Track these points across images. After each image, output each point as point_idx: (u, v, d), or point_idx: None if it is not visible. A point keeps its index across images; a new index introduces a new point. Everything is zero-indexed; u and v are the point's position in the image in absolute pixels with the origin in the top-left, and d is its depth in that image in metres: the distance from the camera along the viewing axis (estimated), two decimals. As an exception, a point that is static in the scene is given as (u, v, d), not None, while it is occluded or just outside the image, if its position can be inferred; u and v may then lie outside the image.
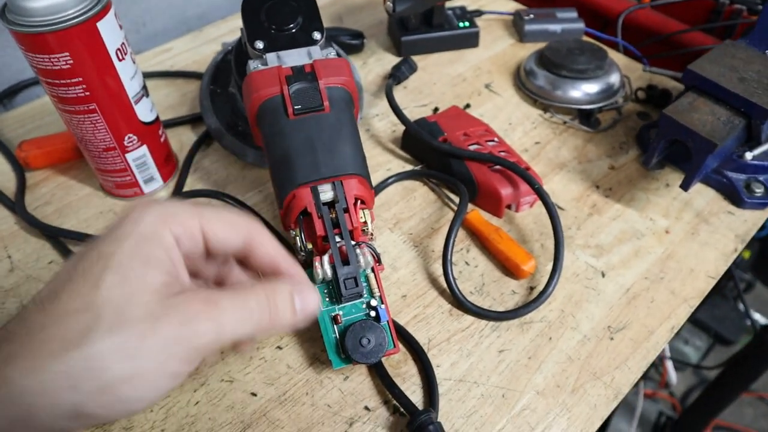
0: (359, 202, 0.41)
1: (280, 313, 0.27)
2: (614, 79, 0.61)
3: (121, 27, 0.45)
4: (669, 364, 1.18)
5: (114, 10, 0.44)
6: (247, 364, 0.42)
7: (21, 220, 0.52)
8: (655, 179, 0.55)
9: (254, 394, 0.40)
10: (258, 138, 0.45)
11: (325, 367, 0.41)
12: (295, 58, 0.44)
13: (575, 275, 0.47)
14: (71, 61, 0.42)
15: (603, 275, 0.47)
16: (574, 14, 0.71)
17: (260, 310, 0.27)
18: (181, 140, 0.60)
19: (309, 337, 0.43)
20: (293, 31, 0.46)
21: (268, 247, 0.30)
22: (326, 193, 0.40)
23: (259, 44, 0.45)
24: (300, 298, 0.28)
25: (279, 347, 0.43)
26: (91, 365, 0.22)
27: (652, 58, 0.74)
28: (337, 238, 0.40)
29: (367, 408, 0.39)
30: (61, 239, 0.50)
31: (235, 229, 0.29)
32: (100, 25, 0.42)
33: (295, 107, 0.41)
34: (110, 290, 0.23)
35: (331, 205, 0.41)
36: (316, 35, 0.46)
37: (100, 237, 0.26)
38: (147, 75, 0.67)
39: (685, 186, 0.47)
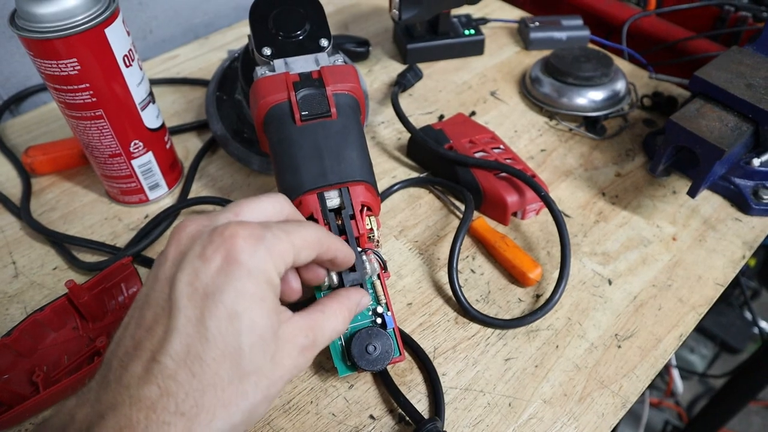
0: (365, 208, 0.41)
1: (354, 313, 0.34)
2: (620, 86, 0.60)
3: (128, 33, 0.45)
4: (675, 373, 1.18)
5: (122, 17, 0.44)
6: (252, 371, 0.41)
7: (26, 226, 0.52)
8: (662, 186, 0.54)
9: (259, 402, 0.40)
10: (264, 144, 0.45)
11: (330, 375, 0.41)
12: (302, 64, 0.44)
13: (582, 283, 0.47)
14: (79, 67, 0.43)
15: (610, 283, 0.47)
16: (579, 22, 0.71)
17: (344, 319, 0.32)
18: (187, 147, 0.60)
19: (314, 344, 0.43)
20: (301, 38, 0.46)
21: (338, 256, 0.33)
22: (333, 199, 0.40)
23: (267, 51, 0.45)
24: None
25: (284, 354, 0.42)
26: (252, 417, 0.26)
27: (658, 66, 0.74)
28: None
29: (372, 417, 0.39)
30: (66, 245, 0.50)
31: (312, 248, 0.30)
32: (108, 31, 0.43)
33: (303, 113, 0.41)
34: (244, 341, 0.25)
35: (337, 211, 0.40)
36: (324, 42, 0.46)
37: (196, 262, 0.26)
38: (153, 82, 0.67)
39: (692, 193, 0.47)
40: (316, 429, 0.38)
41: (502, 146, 0.54)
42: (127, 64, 0.45)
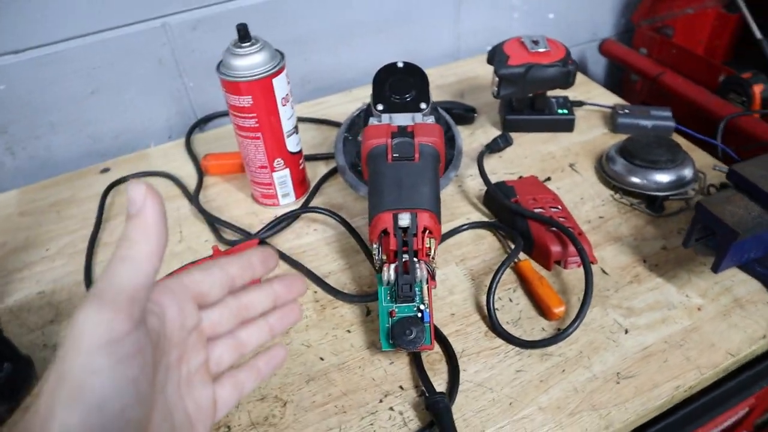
0: (427, 231, 0.54)
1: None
2: (687, 172, 0.68)
3: (288, 83, 0.64)
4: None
5: (286, 72, 0.63)
6: (323, 336, 0.56)
7: (194, 209, 0.72)
8: (703, 264, 0.61)
9: (322, 359, 0.54)
10: (365, 174, 0.60)
11: (378, 352, 0.54)
12: (402, 119, 0.59)
13: (601, 327, 0.55)
14: (251, 102, 0.62)
15: (626, 332, 0.54)
16: (668, 113, 0.79)
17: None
18: (316, 171, 0.77)
19: (373, 328, 0.56)
20: (407, 100, 0.62)
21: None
22: (404, 220, 0.54)
23: (380, 107, 0.61)
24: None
25: (349, 330, 0.56)
26: None
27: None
28: (405, 256, 0.53)
29: (401, 387, 0.51)
30: (216, 226, 0.69)
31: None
32: (274, 80, 0.61)
33: (394, 155, 0.56)
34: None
35: (405, 230, 0.54)
36: (423, 105, 0.61)
37: None
38: (303, 119, 0.87)
39: (714, 268, 0.54)
40: (358, 386, 0.51)
41: (559, 207, 0.64)
42: (284, 104, 0.64)
